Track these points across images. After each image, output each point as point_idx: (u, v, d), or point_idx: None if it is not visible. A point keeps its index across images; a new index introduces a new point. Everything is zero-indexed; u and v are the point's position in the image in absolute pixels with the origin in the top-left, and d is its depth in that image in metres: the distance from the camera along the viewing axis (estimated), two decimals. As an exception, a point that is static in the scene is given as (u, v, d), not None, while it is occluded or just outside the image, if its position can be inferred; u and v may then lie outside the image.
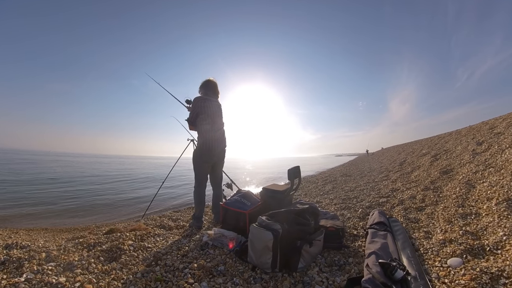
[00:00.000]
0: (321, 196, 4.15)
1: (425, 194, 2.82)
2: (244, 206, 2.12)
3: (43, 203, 5.17)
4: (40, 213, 4.39)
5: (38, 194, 6.07)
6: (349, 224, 2.28)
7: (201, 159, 2.51)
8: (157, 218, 3.28)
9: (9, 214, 4.13)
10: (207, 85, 2.63)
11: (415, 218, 2.17)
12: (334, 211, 2.86)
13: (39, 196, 5.89)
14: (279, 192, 2.20)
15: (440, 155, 5.09)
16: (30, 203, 5.03)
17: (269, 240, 1.40)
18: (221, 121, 2.59)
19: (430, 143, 8.72)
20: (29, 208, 4.61)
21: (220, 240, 1.85)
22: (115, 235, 2.04)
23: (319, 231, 1.68)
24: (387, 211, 2.58)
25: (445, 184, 2.99)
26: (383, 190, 3.71)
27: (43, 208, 4.75)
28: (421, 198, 2.73)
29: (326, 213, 2.27)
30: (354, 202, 3.26)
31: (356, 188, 4.41)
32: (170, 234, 2.31)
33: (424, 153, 6.76)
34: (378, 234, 1.67)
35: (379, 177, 5.35)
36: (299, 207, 1.76)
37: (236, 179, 10.35)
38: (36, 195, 5.92)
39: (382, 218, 1.94)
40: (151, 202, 3.90)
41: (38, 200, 5.44)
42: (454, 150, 4.88)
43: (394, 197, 3.11)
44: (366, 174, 6.79)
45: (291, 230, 1.48)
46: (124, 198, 6.09)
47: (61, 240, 2.54)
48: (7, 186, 7.00)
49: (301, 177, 2.35)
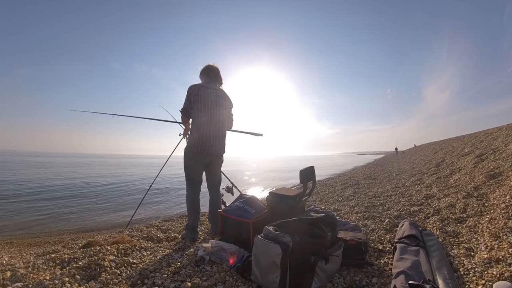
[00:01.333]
0: (340, 202, 4.15)
1: (467, 202, 2.78)
2: (247, 214, 2.13)
3: (7, 212, 5.27)
4: (5, 225, 4.48)
5: (1, 202, 6.19)
6: (373, 237, 2.27)
7: (192, 157, 2.52)
8: (144, 228, 3.32)
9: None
10: (206, 71, 2.67)
11: (454, 232, 2.14)
12: (355, 221, 2.85)
13: (2, 204, 6.00)
14: (290, 198, 2.20)
15: (486, 155, 5.00)
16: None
17: (277, 255, 1.40)
18: (221, 112, 2.59)
19: (474, 140, 8.58)
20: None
21: (218, 254, 1.86)
22: (93, 249, 2.06)
23: (337, 245, 1.67)
24: (420, 222, 2.57)
25: (492, 191, 2.95)
26: (415, 197, 3.69)
27: (8, 218, 4.84)
28: (462, 207, 2.70)
29: (345, 224, 2.26)
30: (379, 210, 3.25)
31: (383, 194, 4.39)
32: (159, 247, 2.33)
33: (466, 152, 6.66)
34: (408, 250, 1.66)
35: (410, 181, 5.32)
36: (313, 216, 1.75)
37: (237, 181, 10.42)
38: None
39: (413, 231, 1.92)
40: (137, 209, 3.95)
41: (1, 209, 5.54)
42: (505, 149, 4.79)
43: (428, 206, 3.09)
44: (394, 177, 6.75)
45: (303, 243, 1.47)
46: (104, 205, 6.20)
47: (29, 256, 2.60)
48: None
49: (315, 180, 2.34)
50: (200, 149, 2.46)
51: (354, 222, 2.56)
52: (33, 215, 5.15)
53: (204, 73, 2.68)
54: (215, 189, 2.75)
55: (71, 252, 2.05)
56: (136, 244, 2.32)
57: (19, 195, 7.19)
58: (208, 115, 2.49)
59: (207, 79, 2.65)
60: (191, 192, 2.58)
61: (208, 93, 2.52)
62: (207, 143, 2.47)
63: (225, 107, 2.63)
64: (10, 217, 4.97)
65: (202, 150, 2.47)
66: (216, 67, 2.71)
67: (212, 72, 2.67)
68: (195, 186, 2.58)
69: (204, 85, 2.57)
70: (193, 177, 2.55)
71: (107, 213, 5.40)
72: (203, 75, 2.69)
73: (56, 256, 1.92)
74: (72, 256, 1.94)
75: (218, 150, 2.57)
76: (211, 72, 2.67)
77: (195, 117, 2.52)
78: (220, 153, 2.62)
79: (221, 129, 2.59)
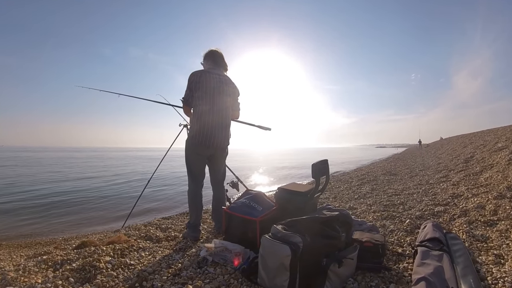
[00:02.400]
0: (356, 200, 4.15)
1: (499, 203, 2.75)
2: (253, 212, 2.14)
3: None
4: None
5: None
6: (392, 239, 2.28)
7: (193, 150, 2.54)
8: (142, 227, 3.39)
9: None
10: (211, 56, 2.66)
11: (483, 236, 2.13)
12: (372, 220, 2.86)
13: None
14: (300, 194, 2.20)
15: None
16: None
17: (286, 257, 1.41)
18: (224, 100, 2.58)
19: (510, 133, 8.40)
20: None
21: (222, 255, 1.88)
22: (88, 250, 2.09)
23: (352, 247, 1.68)
24: (445, 224, 2.56)
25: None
26: (440, 196, 3.67)
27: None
28: (492, 209, 2.67)
29: (361, 224, 2.26)
30: (399, 210, 3.24)
31: (404, 192, 4.38)
32: (158, 247, 2.37)
33: (500, 147, 6.54)
34: (431, 255, 1.65)
35: (435, 178, 5.27)
36: (326, 214, 1.75)
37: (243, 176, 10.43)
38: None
39: (437, 234, 1.91)
40: (134, 206, 3.99)
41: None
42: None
43: (455, 206, 3.07)
44: (417, 173, 6.69)
45: (315, 244, 1.48)
46: (100, 202, 6.31)
47: (19, 258, 2.67)
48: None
49: (329, 175, 2.33)
50: (201, 141, 2.47)
51: (371, 222, 2.56)
52: (23, 214, 5.25)
53: (208, 58, 2.67)
54: (219, 184, 2.77)
55: (64, 253, 2.09)
56: (134, 244, 2.36)
57: (7, 194, 7.31)
58: (210, 103, 2.49)
59: (212, 64, 2.64)
60: (193, 187, 2.60)
61: (210, 78, 2.51)
62: (209, 134, 2.48)
63: (228, 94, 2.62)
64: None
65: (204, 142, 2.47)
66: (220, 52, 2.70)
67: (218, 57, 2.67)
68: (197, 180, 2.60)
69: (206, 71, 2.57)
70: (195, 171, 2.58)
71: (102, 211, 5.49)
72: (207, 61, 2.67)
73: (48, 258, 1.96)
74: (65, 257, 1.97)
75: (221, 141, 2.57)
76: (217, 57, 2.66)
77: (195, 105, 2.53)
78: (223, 145, 2.62)
79: (224, 118, 2.59)
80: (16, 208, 5.75)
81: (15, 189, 8.10)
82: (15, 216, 5.08)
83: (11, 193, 7.45)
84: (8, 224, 4.62)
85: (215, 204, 2.77)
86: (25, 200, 6.55)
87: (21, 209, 5.64)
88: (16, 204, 6.12)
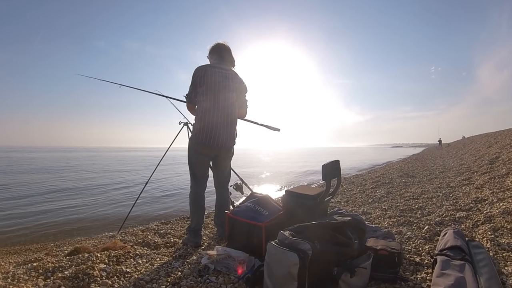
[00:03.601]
0: (370, 204, 4.14)
1: (527, 209, 2.71)
2: (259, 216, 2.15)
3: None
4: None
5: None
6: (409, 247, 2.25)
7: (196, 150, 2.55)
8: (139, 232, 3.42)
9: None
10: (218, 51, 2.68)
11: (509, 245, 2.09)
12: (388, 227, 2.84)
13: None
14: (310, 198, 2.20)
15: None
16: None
17: (293, 265, 1.41)
18: (229, 96, 2.59)
19: (540, 132, 8.29)
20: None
21: (225, 263, 1.89)
22: (81, 257, 2.11)
23: (366, 255, 1.67)
24: (467, 231, 2.53)
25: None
26: (462, 200, 3.64)
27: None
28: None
29: (376, 230, 2.25)
30: (417, 215, 3.22)
31: (422, 195, 4.36)
32: (156, 254, 2.38)
33: (528, 147, 6.46)
34: (451, 264, 1.64)
35: (456, 181, 5.23)
36: (337, 220, 1.75)
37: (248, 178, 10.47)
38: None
39: (458, 242, 1.90)
40: (130, 210, 4.03)
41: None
42: None
43: (478, 211, 3.04)
44: (437, 175, 6.65)
45: (325, 252, 1.48)
46: (94, 206, 6.34)
47: (8, 265, 2.69)
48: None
49: (341, 177, 2.33)
50: (204, 140, 2.48)
51: (387, 229, 2.54)
52: (12, 219, 5.30)
53: (214, 52, 2.69)
54: (222, 187, 2.78)
55: (55, 260, 2.12)
56: (130, 251, 2.38)
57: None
58: (213, 99, 2.50)
59: (218, 59, 2.66)
60: (195, 189, 2.62)
61: (214, 73, 2.53)
62: (212, 132, 2.48)
63: (233, 89, 2.62)
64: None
65: (207, 141, 2.48)
66: (227, 45, 2.72)
67: (224, 51, 2.68)
68: (199, 182, 2.62)
69: (211, 65, 2.59)
70: (197, 172, 2.60)
71: (96, 216, 5.52)
72: (212, 55, 2.70)
73: (38, 265, 1.98)
74: (57, 264, 2.00)
75: (226, 140, 2.57)
76: (223, 51, 2.68)
77: (199, 102, 2.55)
78: (228, 145, 2.62)
79: (228, 116, 2.59)
80: (5, 212, 5.82)
81: (3, 193, 8.20)
82: (4, 220, 5.14)
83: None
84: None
85: (217, 208, 2.78)
86: (15, 204, 6.64)
87: (11, 213, 5.71)
88: (4, 207, 6.21)
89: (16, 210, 5.93)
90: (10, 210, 5.96)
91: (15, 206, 6.32)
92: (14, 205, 6.46)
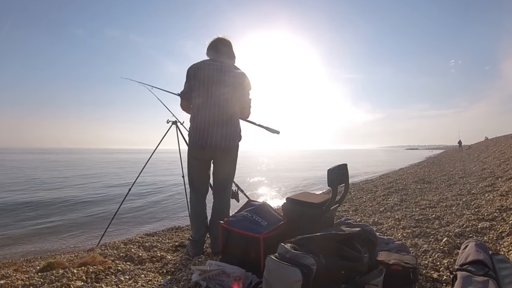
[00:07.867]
0: (381, 213, 4.15)
1: (558, 218, 2.72)
2: (257, 227, 2.14)
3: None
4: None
5: None
6: (426, 262, 2.25)
7: (191, 154, 2.62)
8: (121, 245, 3.40)
9: None
10: (214, 46, 2.72)
11: (538, 258, 2.09)
12: (401, 238, 2.84)
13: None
14: (314, 206, 2.21)
15: None
16: None
17: (296, 282, 1.40)
18: (222, 91, 2.59)
19: None
20: None
21: (218, 280, 1.88)
22: (55, 273, 2.10)
23: (377, 271, 1.68)
24: (491, 243, 2.53)
25: None
26: (485, 209, 3.64)
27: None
28: (550, 224, 2.64)
29: (388, 242, 2.25)
30: (435, 225, 3.22)
31: (440, 203, 4.37)
32: (141, 270, 2.36)
33: (558, 149, 6.49)
34: (473, 281, 1.63)
35: (478, 187, 5.24)
36: (345, 231, 1.75)
37: (245, 184, 10.44)
38: None
39: (481, 255, 1.89)
40: (112, 220, 4.02)
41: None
42: None
43: (503, 221, 3.04)
44: (456, 181, 6.67)
45: (331, 267, 1.48)
46: (69, 216, 6.30)
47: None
48: None
49: (348, 183, 2.32)
50: (196, 140, 2.52)
51: (400, 241, 2.54)
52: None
53: (211, 48, 2.72)
54: (218, 194, 2.78)
55: (26, 277, 2.11)
56: (111, 266, 2.37)
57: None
58: (205, 95, 2.52)
59: (215, 55, 2.69)
60: (192, 195, 2.71)
61: (207, 66, 2.56)
62: (204, 132, 2.49)
63: (227, 84, 2.61)
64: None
65: (199, 141, 2.51)
66: (226, 39, 2.75)
67: (221, 44, 2.71)
68: (195, 188, 2.70)
69: (206, 59, 2.65)
70: (192, 177, 2.66)
71: (73, 226, 5.49)
72: (210, 50, 2.73)
73: (6, 283, 1.96)
74: (27, 282, 1.98)
75: (219, 141, 2.55)
76: (219, 44, 2.71)
77: (192, 98, 2.60)
78: (223, 146, 2.59)
79: (223, 113, 2.58)
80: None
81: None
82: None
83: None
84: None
85: (212, 218, 2.76)
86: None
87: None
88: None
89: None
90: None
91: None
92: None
